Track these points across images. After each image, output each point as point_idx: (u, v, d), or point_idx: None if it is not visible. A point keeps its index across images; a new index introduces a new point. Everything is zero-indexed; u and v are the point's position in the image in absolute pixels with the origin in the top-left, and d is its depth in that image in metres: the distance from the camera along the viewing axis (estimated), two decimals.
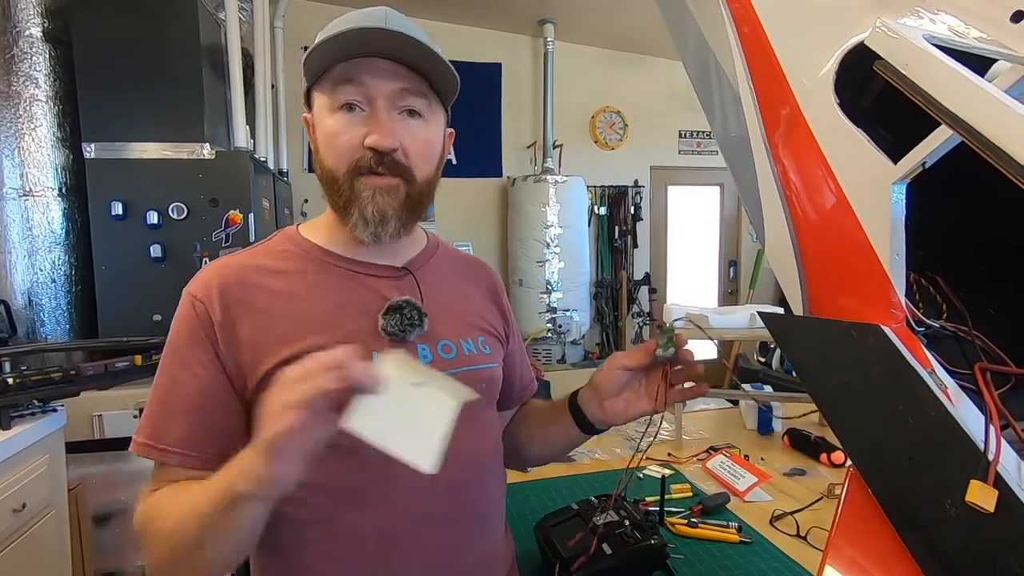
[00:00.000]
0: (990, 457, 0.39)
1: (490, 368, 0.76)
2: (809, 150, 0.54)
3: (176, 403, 0.64)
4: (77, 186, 2.17)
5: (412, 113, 0.68)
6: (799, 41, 0.59)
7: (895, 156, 0.46)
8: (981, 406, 0.44)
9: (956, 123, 0.35)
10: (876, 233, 0.49)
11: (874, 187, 0.48)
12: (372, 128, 0.65)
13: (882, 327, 0.46)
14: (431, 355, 0.70)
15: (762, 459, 1.44)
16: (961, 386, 0.46)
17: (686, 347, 0.72)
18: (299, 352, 0.63)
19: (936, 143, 0.41)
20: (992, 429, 0.40)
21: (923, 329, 0.50)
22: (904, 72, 0.39)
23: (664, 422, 1.84)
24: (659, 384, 0.73)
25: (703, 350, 0.78)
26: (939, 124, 0.41)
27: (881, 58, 0.43)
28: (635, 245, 4.59)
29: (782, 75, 0.58)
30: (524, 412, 0.92)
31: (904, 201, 0.47)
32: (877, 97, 0.57)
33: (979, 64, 0.42)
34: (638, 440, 0.78)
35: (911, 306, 0.49)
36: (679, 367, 0.74)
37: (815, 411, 1.72)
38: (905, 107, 0.47)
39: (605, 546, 0.84)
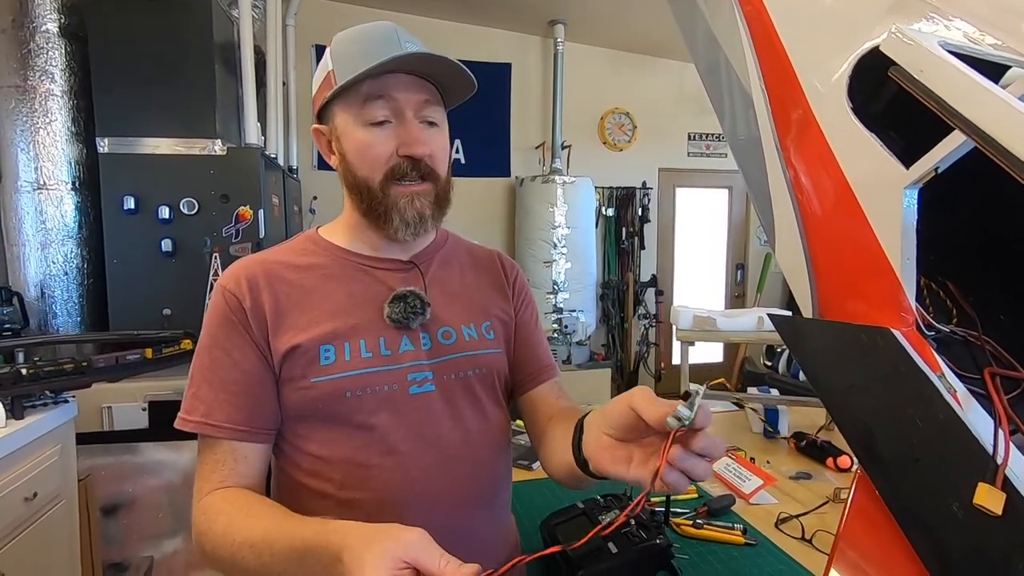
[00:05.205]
0: (999, 460, 0.39)
1: (490, 353, 0.80)
2: (821, 154, 0.55)
3: (221, 383, 0.70)
4: (90, 180, 2.19)
5: (430, 124, 0.75)
6: (812, 45, 0.59)
7: (907, 161, 0.47)
8: (990, 411, 0.44)
9: (970, 129, 0.35)
10: (887, 237, 0.49)
11: (886, 191, 0.48)
12: (404, 139, 0.72)
13: (892, 330, 0.47)
14: (430, 342, 0.76)
15: (768, 462, 1.44)
16: (970, 391, 0.46)
17: (702, 418, 0.52)
18: (315, 336, 0.71)
19: (949, 148, 0.41)
20: (1001, 432, 0.41)
21: (933, 333, 0.50)
22: (918, 78, 0.39)
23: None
24: (662, 453, 0.52)
25: (709, 351, 0.72)
26: (952, 130, 0.41)
27: (896, 63, 0.43)
28: (642, 247, 4.58)
29: (795, 79, 0.58)
30: (557, 419, 0.79)
31: (916, 206, 0.47)
32: (889, 102, 0.58)
33: (993, 71, 0.42)
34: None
35: (921, 310, 0.49)
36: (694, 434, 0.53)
37: (820, 407, 1.72)
38: (917, 112, 0.47)
39: (611, 545, 0.85)
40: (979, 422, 0.42)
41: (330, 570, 0.52)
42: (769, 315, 0.65)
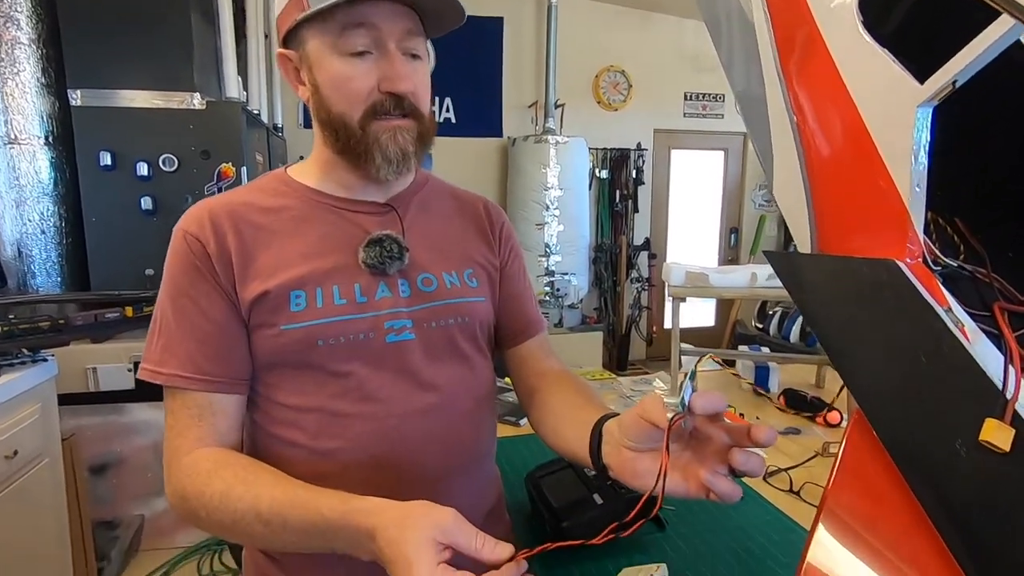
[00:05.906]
0: (1008, 395, 0.37)
1: (474, 302, 0.76)
2: (827, 76, 0.50)
3: (190, 333, 0.66)
4: (64, 135, 2.10)
5: (413, 56, 0.69)
6: None
7: (921, 78, 0.42)
8: (999, 347, 0.41)
9: (1016, 9, 0.31)
10: (896, 163, 0.45)
11: (897, 111, 0.44)
12: (387, 73, 0.67)
13: (896, 262, 0.43)
14: (410, 289, 0.72)
15: (757, 418, 1.44)
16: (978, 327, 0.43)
17: (705, 402, 0.50)
18: (284, 281, 0.67)
19: (973, 55, 0.37)
20: (1012, 367, 0.38)
21: (940, 268, 0.47)
22: None
23: (659, 381, 1.84)
24: (663, 448, 0.52)
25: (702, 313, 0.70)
26: (973, 37, 0.37)
27: None
28: (636, 210, 4.53)
29: None
30: (555, 387, 0.78)
31: (929, 127, 0.43)
32: (902, 22, 0.53)
33: None
34: (632, 397, 0.68)
35: (928, 243, 0.46)
36: (707, 433, 0.54)
37: (809, 364, 1.72)
38: (928, 34, 0.43)
39: (596, 496, 0.84)
40: (987, 357, 0.39)
41: (357, 547, 0.53)
42: (765, 252, 0.61)
